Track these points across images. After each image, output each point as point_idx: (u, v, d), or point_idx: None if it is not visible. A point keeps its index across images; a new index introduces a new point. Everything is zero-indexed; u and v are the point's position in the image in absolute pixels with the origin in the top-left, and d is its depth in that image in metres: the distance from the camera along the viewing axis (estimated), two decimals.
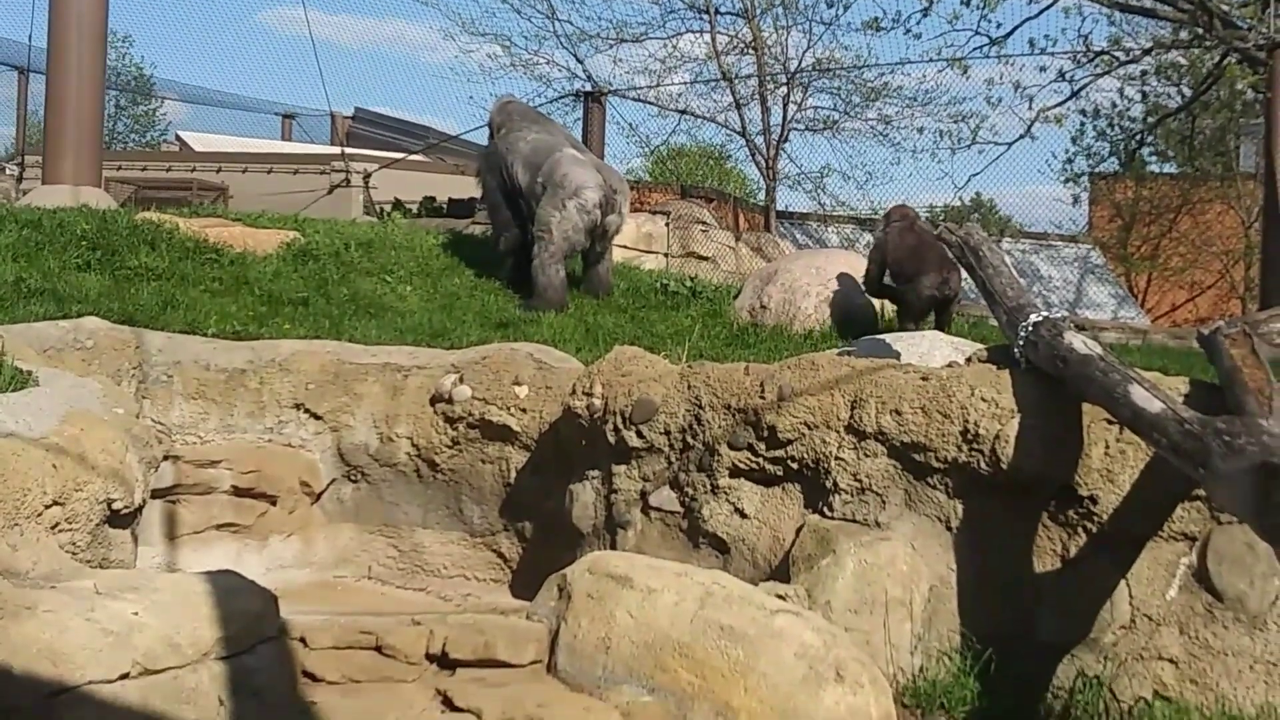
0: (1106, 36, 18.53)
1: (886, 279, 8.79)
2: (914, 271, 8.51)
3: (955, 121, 18.96)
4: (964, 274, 6.98)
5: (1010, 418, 5.30)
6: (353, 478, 7.45)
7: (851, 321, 8.86)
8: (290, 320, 8.41)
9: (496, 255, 10.35)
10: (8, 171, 18.77)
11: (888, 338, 7.15)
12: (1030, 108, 16.34)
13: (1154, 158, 21.79)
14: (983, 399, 5.38)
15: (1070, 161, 20.19)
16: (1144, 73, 18.35)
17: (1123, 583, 5.16)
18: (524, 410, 7.09)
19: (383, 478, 7.40)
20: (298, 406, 7.45)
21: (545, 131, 10.52)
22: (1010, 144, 16.75)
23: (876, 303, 9.05)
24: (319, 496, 7.44)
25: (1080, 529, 5.23)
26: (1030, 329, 5.44)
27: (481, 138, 12.74)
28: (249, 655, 4.11)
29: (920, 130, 19.42)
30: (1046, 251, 22.50)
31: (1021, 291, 5.85)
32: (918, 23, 25.18)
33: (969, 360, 5.91)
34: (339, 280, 9.47)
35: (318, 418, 7.43)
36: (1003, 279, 5.90)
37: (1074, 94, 16.50)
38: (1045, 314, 5.48)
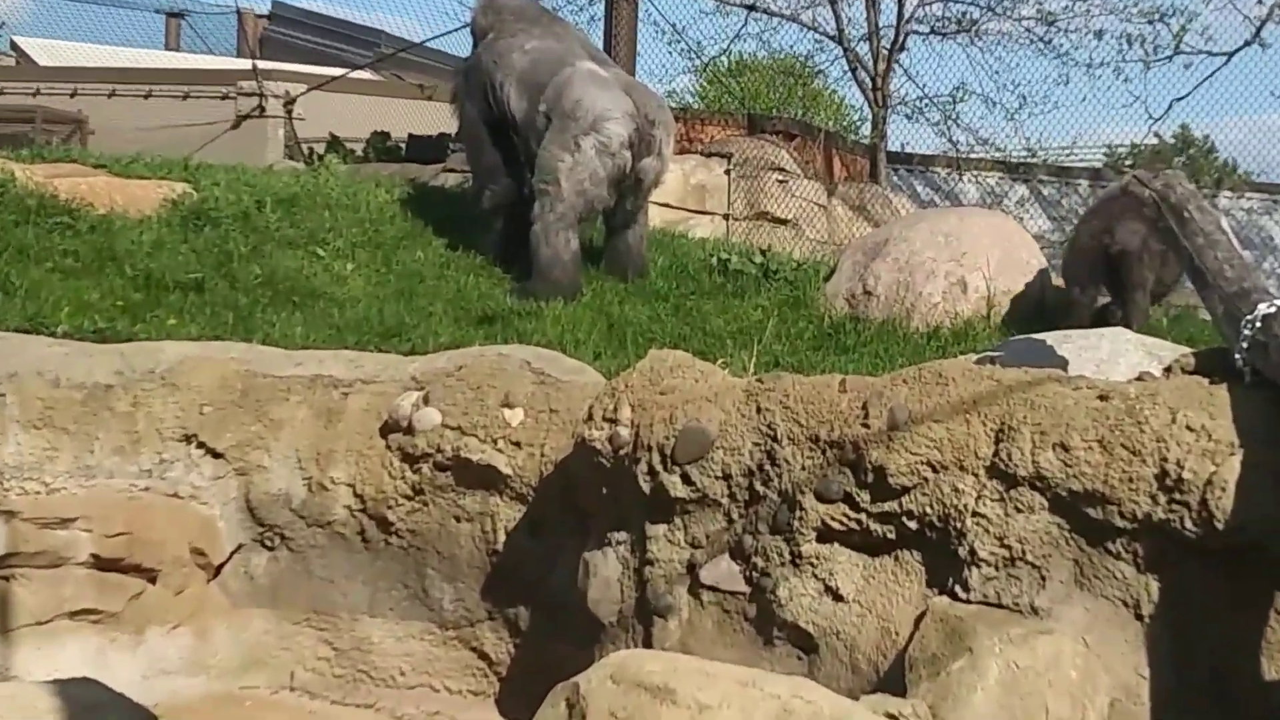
0: None
1: None
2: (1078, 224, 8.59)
3: (1150, 22, 18.91)
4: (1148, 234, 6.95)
5: (1229, 455, 5.27)
6: (268, 543, 7.48)
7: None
8: (177, 313, 8.46)
9: (479, 216, 10.38)
10: None
11: (1049, 338, 7.14)
12: (1260, 1, 16.24)
13: None
14: (1189, 428, 5.36)
15: None
16: None
17: None
18: (517, 444, 7.10)
19: (312, 543, 7.43)
20: (188, 439, 7.49)
21: (551, 37, 10.56)
22: (1230, 54, 16.67)
23: None
24: (219, 570, 7.47)
25: None
26: (1259, 325, 5.41)
27: (458, 47, 12.78)
28: None
29: (1099, 35, 19.31)
30: None
31: (1246, 270, 5.82)
32: None
33: (1168, 370, 5.88)
34: (248, 255, 9.52)
35: (217, 456, 7.47)
36: (1219, 252, 5.87)
37: None
38: None
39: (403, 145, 15.95)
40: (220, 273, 9.16)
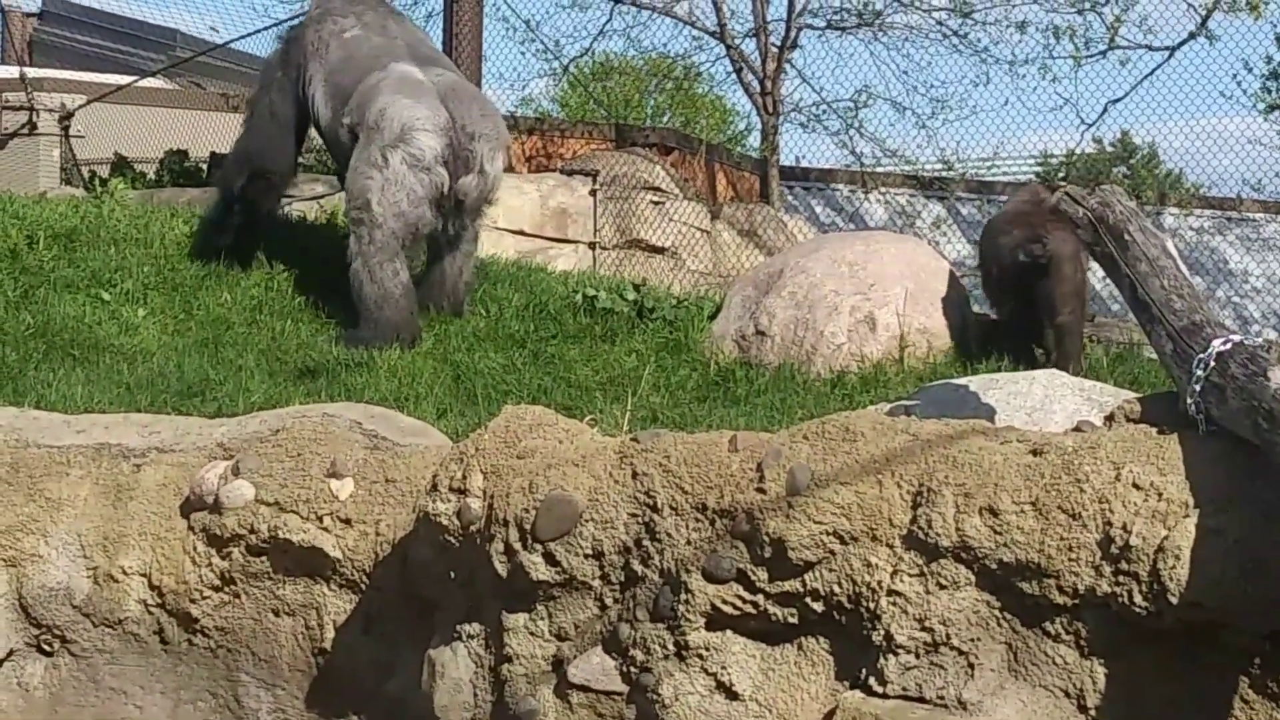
0: None
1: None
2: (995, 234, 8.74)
3: (1080, 12, 19.16)
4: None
5: (1182, 517, 5.32)
6: (46, 647, 7.39)
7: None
8: None
9: (295, 251, 10.37)
10: None
11: (973, 382, 7.19)
12: None
13: None
14: (1135, 486, 5.40)
15: (1277, 77, 20.40)
16: None
17: None
18: (347, 522, 7.06)
19: (100, 646, 7.35)
20: None
21: (375, 29, 10.51)
22: (1173, 49, 16.89)
23: None
24: None
25: None
26: (1213, 364, 5.47)
27: (267, 49, 12.76)
28: None
29: (1021, 28, 19.56)
30: (1239, 229, 22.68)
31: (1197, 301, 5.89)
32: None
33: (1110, 419, 5.94)
34: (18, 300, 9.43)
35: None
36: (1165, 280, 5.94)
37: None
38: (1237, 337, 5.52)
39: (204, 166, 15.87)
40: None
